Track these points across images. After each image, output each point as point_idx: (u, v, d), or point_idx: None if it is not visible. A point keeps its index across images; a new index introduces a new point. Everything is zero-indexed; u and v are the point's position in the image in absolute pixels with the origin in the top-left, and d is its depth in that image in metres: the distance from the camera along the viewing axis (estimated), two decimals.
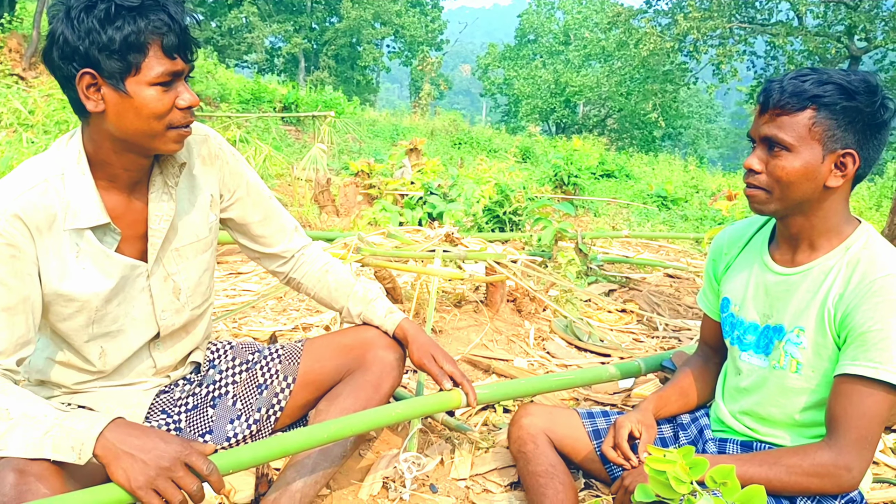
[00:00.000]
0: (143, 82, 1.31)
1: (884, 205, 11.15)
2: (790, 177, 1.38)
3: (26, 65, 10.62)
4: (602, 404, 2.40)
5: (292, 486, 1.59)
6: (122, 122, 1.34)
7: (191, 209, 1.56)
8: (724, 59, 23.18)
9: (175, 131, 1.38)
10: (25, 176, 1.36)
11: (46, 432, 1.21)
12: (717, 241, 1.73)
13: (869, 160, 1.40)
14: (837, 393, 1.38)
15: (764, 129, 1.40)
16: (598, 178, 11.89)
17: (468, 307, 3.10)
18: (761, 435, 1.55)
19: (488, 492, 1.89)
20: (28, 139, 6.57)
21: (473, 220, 5.16)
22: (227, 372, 1.76)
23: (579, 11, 36.15)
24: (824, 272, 1.45)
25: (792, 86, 1.37)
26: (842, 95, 1.35)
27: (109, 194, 1.43)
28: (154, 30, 1.29)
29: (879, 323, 1.33)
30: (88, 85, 1.31)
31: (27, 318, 1.34)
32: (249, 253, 1.79)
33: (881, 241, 1.43)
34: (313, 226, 5.14)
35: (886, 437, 2.18)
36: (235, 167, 1.65)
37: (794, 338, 1.47)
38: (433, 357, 1.73)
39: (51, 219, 1.35)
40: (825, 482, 1.36)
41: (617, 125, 33.30)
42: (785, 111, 1.37)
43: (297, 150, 10.42)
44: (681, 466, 1.14)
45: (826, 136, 1.36)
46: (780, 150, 1.38)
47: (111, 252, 1.43)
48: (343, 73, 35.64)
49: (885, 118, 1.37)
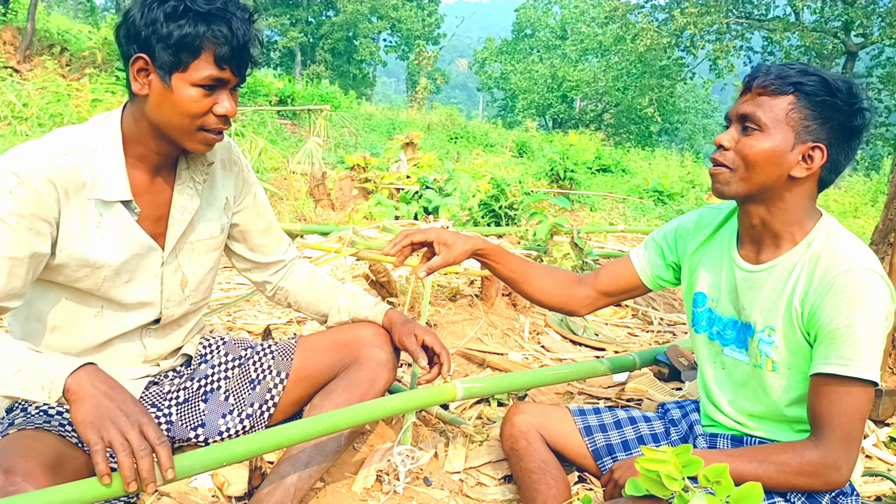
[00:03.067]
0: (188, 81, 1.37)
1: (879, 200, 11.17)
2: (757, 157, 1.39)
3: (20, 58, 10.58)
4: (596, 398, 2.41)
5: (286, 480, 1.59)
6: (159, 111, 1.40)
7: (209, 208, 1.63)
8: (721, 55, 23.18)
9: (204, 134, 1.43)
10: (61, 142, 1.41)
11: (18, 371, 1.22)
12: (681, 221, 1.71)
13: (836, 163, 1.40)
14: (815, 392, 1.38)
15: (743, 107, 1.42)
16: (594, 173, 11.90)
17: (463, 301, 3.10)
18: (751, 430, 1.55)
19: (482, 485, 1.89)
20: (22, 132, 6.54)
21: (469, 214, 5.16)
22: (219, 367, 1.76)
23: (576, 6, 36.08)
24: (788, 269, 1.44)
25: (778, 70, 1.39)
26: (824, 89, 1.36)
27: (135, 172, 1.49)
28: (212, 37, 1.35)
29: (846, 319, 1.33)
30: (140, 69, 1.38)
31: (27, 273, 1.37)
32: (242, 263, 1.82)
33: (842, 234, 1.43)
34: (309, 219, 5.13)
35: (879, 431, 2.19)
36: (248, 177, 1.74)
37: (766, 337, 1.47)
38: (414, 335, 1.74)
39: (80, 185, 1.40)
40: (815, 481, 1.36)
41: (613, 120, 33.29)
42: (767, 91, 1.39)
43: (292, 144, 10.40)
44: (674, 465, 1.14)
45: (801, 125, 1.37)
46: (754, 130, 1.39)
47: (134, 226, 1.48)
48: (339, 67, 35.56)
49: (859, 124, 1.38)
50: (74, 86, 8.67)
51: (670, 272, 1.72)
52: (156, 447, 1.19)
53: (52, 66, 10.41)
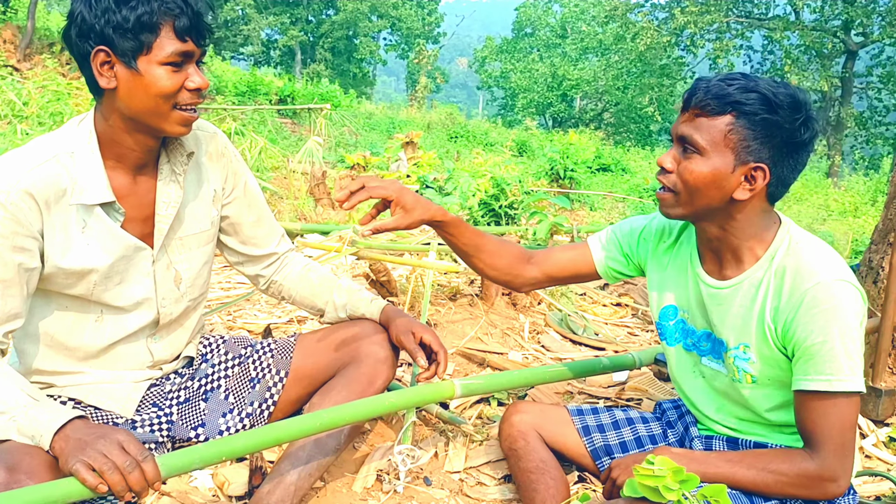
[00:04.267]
0: (154, 61, 1.36)
1: (879, 200, 11.17)
2: (697, 181, 1.35)
3: (20, 56, 10.57)
4: (596, 398, 2.41)
5: (286, 479, 1.59)
6: (131, 100, 1.38)
7: (196, 201, 1.61)
8: (721, 54, 23.19)
9: (179, 113, 1.41)
10: (36, 151, 1.39)
11: (12, 417, 1.26)
12: (645, 224, 1.66)
13: (783, 179, 1.37)
14: (802, 408, 1.37)
15: (681, 128, 1.38)
16: (594, 172, 11.90)
17: (463, 300, 3.10)
18: (743, 433, 1.55)
19: (482, 485, 1.89)
20: (22, 131, 6.54)
21: (469, 213, 5.15)
22: (219, 366, 1.76)
23: (576, 5, 36.06)
24: (754, 285, 1.41)
25: (717, 87, 1.33)
26: (763, 106, 1.31)
27: (116, 174, 1.46)
28: (167, 11, 1.34)
29: (821, 335, 1.31)
30: (102, 62, 1.36)
31: (21, 291, 1.37)
32: (234, 257, 1.79)
33: (804, 241, 1.40)
34: (309, 218, 5.12)
35: (879, 431, 2.19)
36: (237, 167, 1.70)
37: (741, 354, 1.45)
38: (412, 333, 1.72)
39: (60, 193, 1.39)
40: (812, 492, 1.36)
41: (613, 119, 33.27)
42: (704, 112, 1.34)
43: (292, 143, 10.40)
44: (671, 479, 1.15)
45: (741, 146, 1.33)
46: (693, 153, 1.35)
47: (118, 229, 1.47)
48: (339, 66, 35.52)
49: (804, 138, 1.34)
50: (74, 85, 8.67)
51: (631, 267, 1.69)
52: (140, 463, 1.20)
53: (53, 64, 10.42)
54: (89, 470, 1.17)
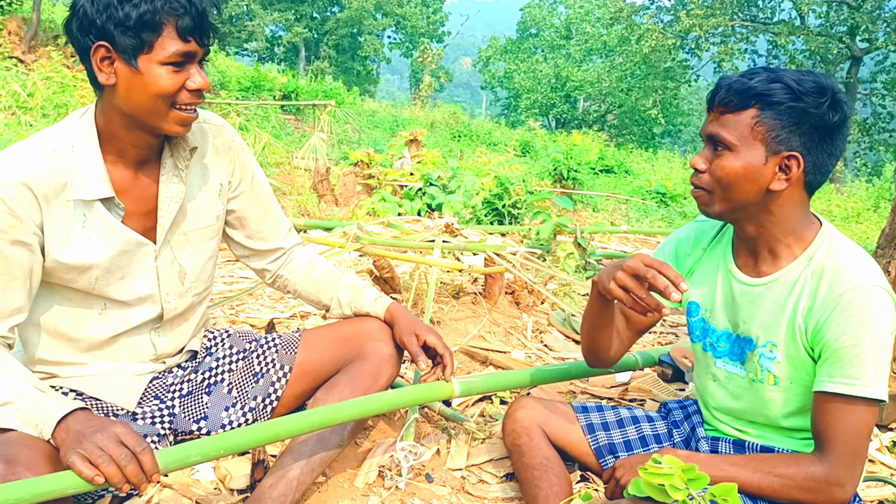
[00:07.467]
0: (155, 61, 1.33)
1: (882, 206, 11.16)
2: (730, 177, 1.35)
3: (26, 48, 10.56)
4: (599, 398, 2.40)
5: (289, 473, 1.59)
6: (130, 98, 1.36)
7: (201, 195, 1.58)
8: (726, 57, 23.13)
9: (178, 113, 1.38)
10: (36, 145, 1.38)
11: (17, 407, 1.26)
12: (678, 240, 1.66)
13: (819, 166, 1.36)
14: (819, 409, 1.36)
15: (709, 128, 1.38)
16: (597, 174, 11.89)
17: (466, 298, 3.09)
18: (751, 437, 1.55)
19: (484, 482, 1.88)
20: (27, 122, 6.54)
21: (472, 212, 5.15)
22: (223, 360, 1.75)
23: (581, 6, 36.00)
24: (790, 284, 1.41)
25: (738, 84, 1.34)
26: (788, 95, 1.31)
27: (116, 169, 1.45)
28: (170, 10, 1.31)
29: (852, 338, 1.31)
30: (102, 58, 1.34)
31: (24, 285, 1.37)
32: (239, 250, 1.78)
33: (844, 245, 1.40)
34: (312, 214, 5.12)
35: (883, 436, 2.19)
36: (245, 160, 1.67)
37: (767, 352, 1.45)
38: (416, 334, 1.71)
39: (59, 188, 1.37)
40: (818, 497, 1.35)
41: (617, 121, 33.24)
42: (728, 109, 1.35)
43: (296, 139, 10.38)
44: (679, 477, 1.14)
45: (769, 136, 1.33)
46: (723, 150, 1.36)
47: (118, 224, 1.45)
48: (343, 63, 35.50)
49: (834, 121, 1.33)
50: (79, 77, 8.66)
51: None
52: (137, 454, 1.20)
53: (57, 56, 10.40)
54: (86, 462, 1.17)
